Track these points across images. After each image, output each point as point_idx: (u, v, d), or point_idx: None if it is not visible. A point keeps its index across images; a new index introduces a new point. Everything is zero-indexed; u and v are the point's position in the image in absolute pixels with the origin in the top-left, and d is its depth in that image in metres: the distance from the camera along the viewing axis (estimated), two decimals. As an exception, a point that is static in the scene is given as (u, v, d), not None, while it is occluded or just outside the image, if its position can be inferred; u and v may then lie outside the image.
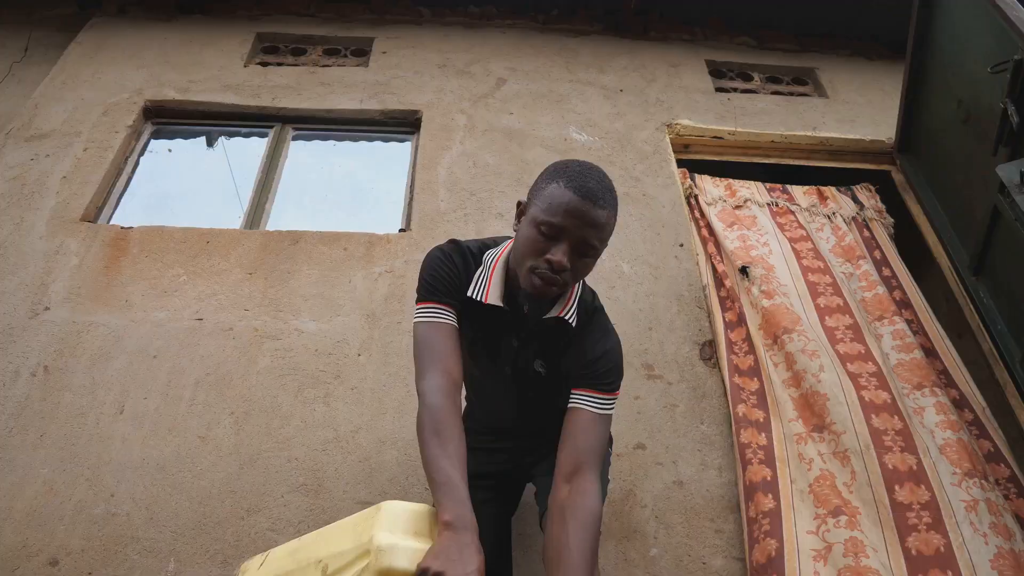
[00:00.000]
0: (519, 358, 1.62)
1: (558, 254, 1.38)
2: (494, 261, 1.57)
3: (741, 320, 2.75)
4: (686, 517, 2.24)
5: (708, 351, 2.68)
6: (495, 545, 1.72)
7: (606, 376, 1.55)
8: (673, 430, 2.45)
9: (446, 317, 1.54)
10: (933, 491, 2.21)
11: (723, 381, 2.60)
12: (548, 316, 1.55)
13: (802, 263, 2.98)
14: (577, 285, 1.59)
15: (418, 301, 1.57)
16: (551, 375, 1.62)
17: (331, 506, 2.17)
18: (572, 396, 1.54)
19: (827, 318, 2.77)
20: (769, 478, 2.28)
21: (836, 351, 2.63)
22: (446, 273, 1.56)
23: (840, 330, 2.73)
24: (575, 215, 1.37)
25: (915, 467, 2.27)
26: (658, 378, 2.57)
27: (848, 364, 2.58)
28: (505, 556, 1.81)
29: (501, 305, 1.53)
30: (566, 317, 1.54)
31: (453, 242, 1.64)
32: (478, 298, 1.53)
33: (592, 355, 1.55)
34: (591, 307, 1.62)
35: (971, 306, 2.90)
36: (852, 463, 2.28)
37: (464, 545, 1.22)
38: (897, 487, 2.22)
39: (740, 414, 2.45)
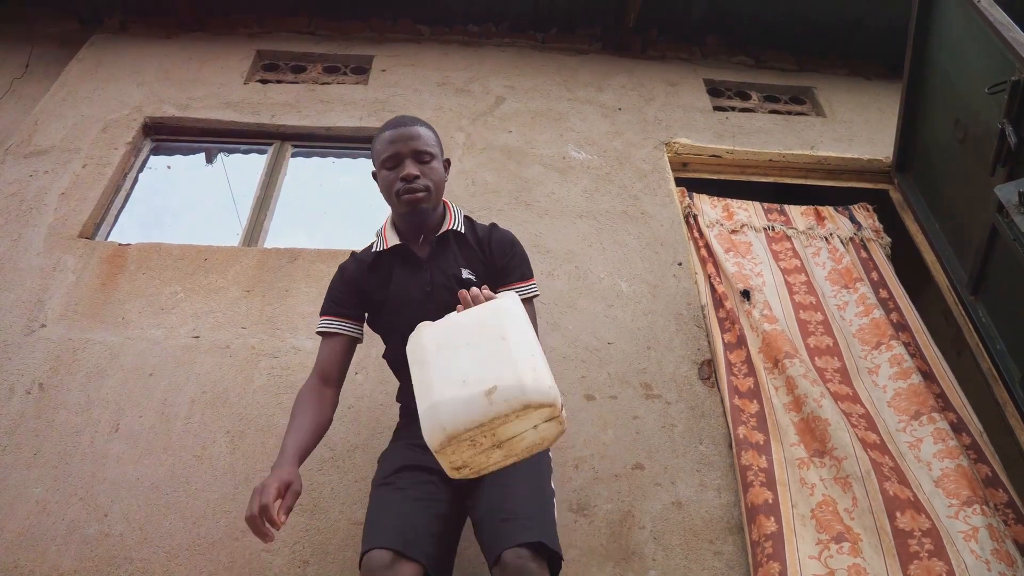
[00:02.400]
0: (435, 275, 1.86)
1: (404, 169, 1.81)
2: (383, 227, 1.97)
3: (741, 342, 2.74)
4: (685, 539, 2.22)
5: (706, 371, 2.67)
6: (438, 548, 1.65)
7: (519, 268, 1.91)
8: (672, 450, 2.43)
9: (330, 326, 1.93)
10: (932, 520, 2.20)
11: (722, 402, 2.59)
12: (439, 234, 1.89)
13: (794, 299, 2.97)
14: (452, 208, 1.95)
15: (321, 311, 1.98)
16: (480, 277, 1.87)
17: (327, 526, 2.15)
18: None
19: (816, 359, 2.77)
20: (771, 500, 2.26)
21: (827, 388, 2.62)
22: (334, 285, 1.98)
23: (829, 371, 2.73)
24: (395, 140, 1.83)
25: (912, 498, 2.26)
26: (656, 397, 2.56)
27: (839, 402, 2.58)
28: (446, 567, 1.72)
29: (399, 242, 1.90)
30: (453, 227, 1.90)
31: (351, 254, 2.04)
32: (379, 249, 1.91)
33: (505, 253, 1.90)
34: (488, 225, 1.98)
35: (970, 325, 2.90)
36: (854, 489, 2.27)
37: (269, 480, 1.55)
38: (899, 514, 2.20)
39: (741, 436, 2.44)
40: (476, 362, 1.40)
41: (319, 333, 1.95)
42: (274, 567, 2.07)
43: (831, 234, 3.27)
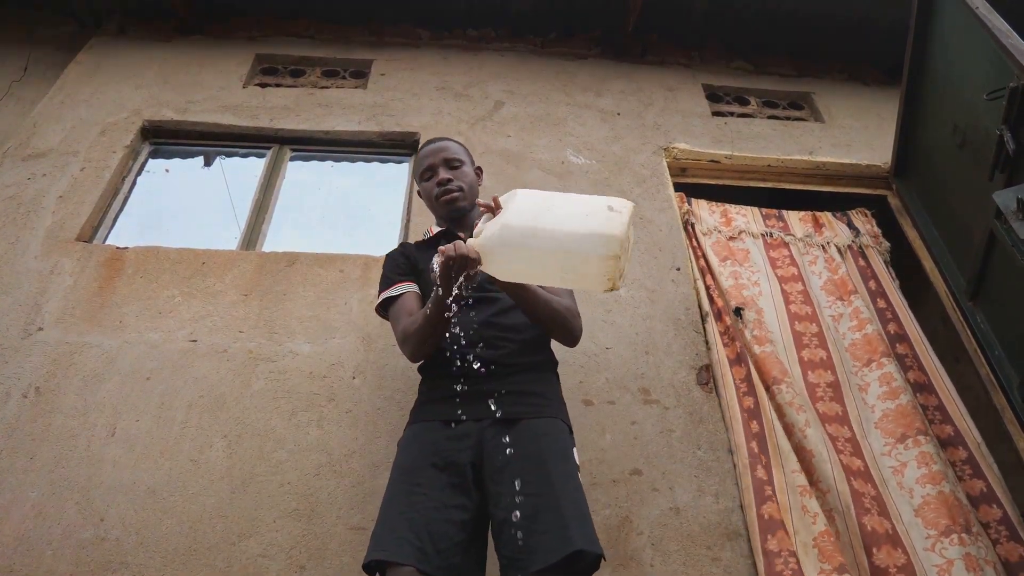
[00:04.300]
0: None
1: (439, 175, 2.08)
2: (428, 228, 2.20)
3: (741, 359, 2.74)
4: (683, 544, 2.22)
5: (705, 376, 2.67)
6: (464, 557, 1.62)
7: None
8: (670, 456, 2.43)
9: (399, 289, 2.01)
10: (908, 555, 2.23)
11: (721, 406, 2.58)
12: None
13: (790, 309, 2.97)
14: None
15: (380, 293, 2.06)
16: None
17: (324, 531, 2.14)
18: None
19: (810, 373, 2.76)
20: (783, 520, 2.28)
21: (816, 409, 2.63)
22: (389, 263, 2.12)
23: (821, 387, 2.73)
24: (428, 155, 2.14)
25: (891, 531, 2.29)
26: (655, 403, 2.56)
27: (827, 425, 2.58)
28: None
29: (444, 228, 2.12)
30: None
31: (400, 245, 2.25)
32: (426, 237, 2.15)
33: None
34: None
35: (968, 331, 2.90)
36: (836, 523, 2.30)
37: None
38: (875, 549, 2.22)
39: (755, 450, 2.46)
40: (573, 206, 1.67)
41: (387, 299, 2.02)
42: (271, 572, 2.06)
43: (828, 242, 3.26)
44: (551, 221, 1.62)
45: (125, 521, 2.14)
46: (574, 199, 1.71)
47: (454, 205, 2.06)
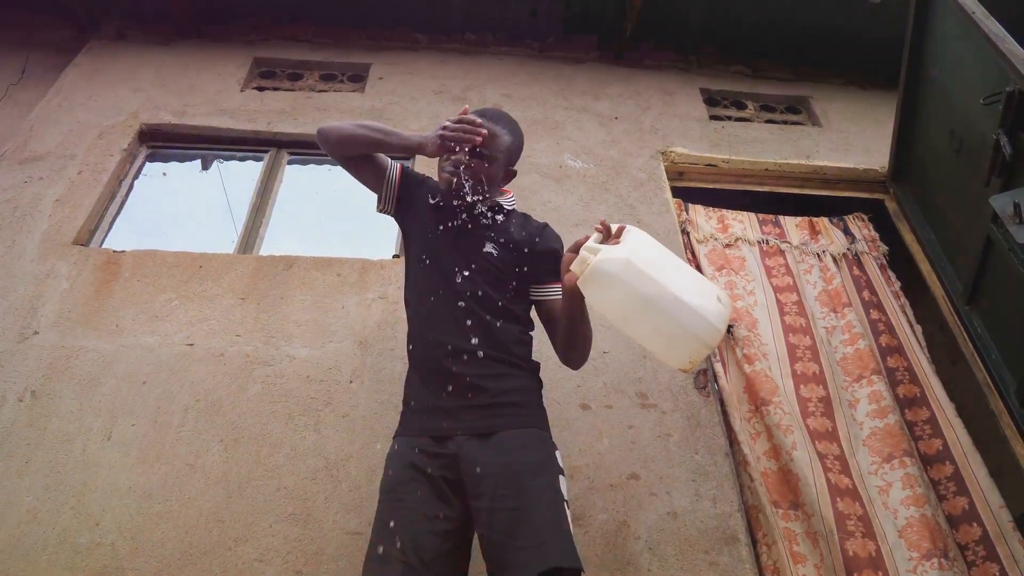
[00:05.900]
0: (464, 229, 1.93)
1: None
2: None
3: (733, 378, 2.76)
4: (680, 549, 2.21)
5: (702, 380, 2.66)
6: (450, 567, 1.64)
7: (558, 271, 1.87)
8: (667, 460, 2.42)
9: (392, 164, 2.05)
10: None
11: (726, 420, 2.59)
12: (489, 203, 1.97)
13: (784, 320, 2.97)
14: (508, 197, 2.04)
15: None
16: (502, 258, 1.91)
17: (320, 536, 2.14)
18: (544, 290, 1.95)
19: (802, 387, 2.77)
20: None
21: (807, 425, 2.63)
22: (411, 172, 2.09)
23: (812, 402, 2.73)
24: None
25: (874, 553, 2.31)
26: (652, 407, 2.55)
27: (817, 442, 2.59)
28: None
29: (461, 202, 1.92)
30: (500, 201, 1.99)
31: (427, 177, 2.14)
32: (436, 201, 1.98)
33: (555, 251, 1.97)
34: (541, 223, 2.07)
35: (965, 335, 2.90)
36: (820, 546, 2.33)
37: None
38: (856, 575, 2.25)
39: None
40: (689, 278, 1.71)
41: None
42: (267, 577, 2.06)
43: (823, 251, 3.25)
44: (671, 282, 1.64)
45: (120, 526, 2.13)
46: (686, 268, 1.75)
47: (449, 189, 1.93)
